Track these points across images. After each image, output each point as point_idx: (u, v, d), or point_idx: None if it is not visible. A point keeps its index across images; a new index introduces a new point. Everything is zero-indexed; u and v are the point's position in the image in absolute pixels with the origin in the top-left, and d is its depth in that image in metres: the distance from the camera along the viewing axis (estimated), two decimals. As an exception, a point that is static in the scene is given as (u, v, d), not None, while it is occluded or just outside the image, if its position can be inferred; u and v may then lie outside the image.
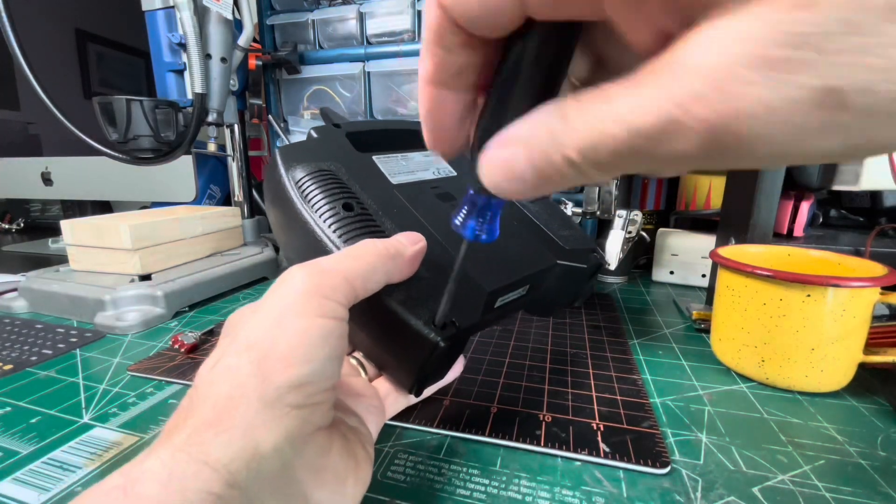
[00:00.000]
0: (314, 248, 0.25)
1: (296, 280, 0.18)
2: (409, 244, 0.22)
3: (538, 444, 0.25)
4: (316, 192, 0.26)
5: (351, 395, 0.23)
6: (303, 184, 0.26)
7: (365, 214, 0.26)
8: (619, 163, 0.10)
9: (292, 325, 0.17)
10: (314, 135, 0.31)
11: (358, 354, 0.27)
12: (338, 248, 0.24)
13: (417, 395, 0.25)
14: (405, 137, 0.35)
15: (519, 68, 0.13)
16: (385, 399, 0.25)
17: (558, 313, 0.42)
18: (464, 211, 0.16)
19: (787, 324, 0.30)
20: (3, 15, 0.48)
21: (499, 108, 0.13)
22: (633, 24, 0.11)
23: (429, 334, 0.21)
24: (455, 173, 0.34)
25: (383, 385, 0.26)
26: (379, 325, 0.23)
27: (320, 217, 0.25)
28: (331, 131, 0.32)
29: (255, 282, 0.60)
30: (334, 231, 0.24)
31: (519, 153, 0.12)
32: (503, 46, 0.13)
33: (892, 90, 0.07)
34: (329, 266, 0.19)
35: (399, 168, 0.32)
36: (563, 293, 0.34)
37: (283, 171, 0.27)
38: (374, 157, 0.31)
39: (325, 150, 0.30)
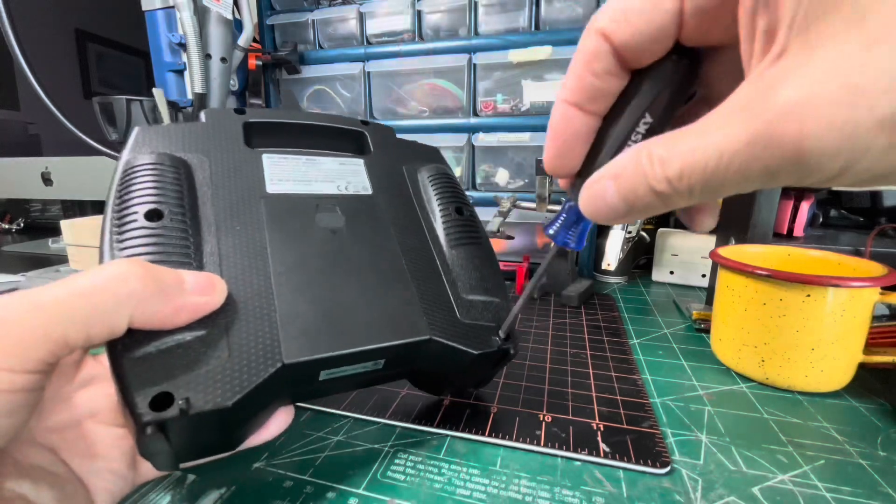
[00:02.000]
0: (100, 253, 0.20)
1: None
2: (194, 288, 0.18)
3: (538, 444, 0.25)
4: (132, 188, 0.21)
5: (80, 455, 0.18)
6: (127, 175, 0.22)
7: (178, 228, 0.20)
8: (706, 188, 0.12)
9: None
10: (203, 118, 0.26)
11: None
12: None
13: (167, 468, 0.19)
14: (326, 137, 0.29)
15: (642, 100, 0.15)
16: (143, 462, 0.20)
17: (457, 391, 0.30)
18: (560, 220, 0.18)
19: (787, 324, 0.30)
20: (3, 15, 0.48)
21: (608, 139, 0.16)
22: (749, 37, 0.12)
23: (144, 417, 0.16)
24: (369, 192, 0.27)
25: None
26: (113, 372, 0.17)
27: (117, 218, 0.20)
28: (227, 117, 0.26)
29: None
30: (119, 239, 0.19)
31: (611, 185, 0.14)
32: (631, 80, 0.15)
33: None
34: (21, 313, 0.14)
35: (293, 173, 0.26)
36: (457, 374, 0.26)
37: (124, 154, 0.23)
38: (264, 155, 0.26)
39: (198, 138, 0.25)
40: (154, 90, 0.54)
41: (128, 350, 0.17)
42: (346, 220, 0.25)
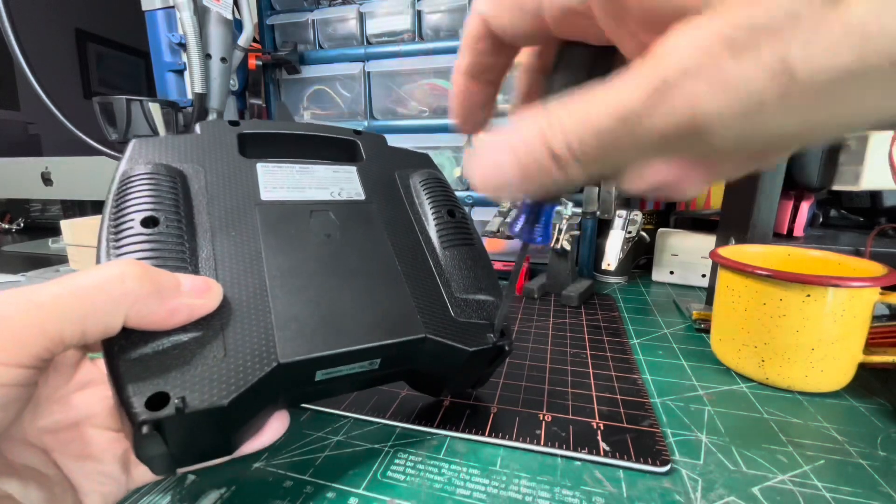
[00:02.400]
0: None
1: None
2: (190, 290, 0.18)
3: (538, 444, 0.25)
4: (129, 196, 0.21)
5: (73, 457, 0.18)
6: (124, 185, 0.22)
7: (172, 234, 0.21)
8: (602, 154, 0.11)
9: None
10: (198, 130, 0.26)
11: None
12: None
13: (163, 472, 0.19)
14: (320, 147, 0.29)
15: (548, 85, 0.15)
16: (137, 466, 0.20)
17: (455, 392, 0.30)
18: (522, 218, 0.18)
19: (787, 324, 0.30)
20: (3, 15, 0.48)
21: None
22: (622, 39, 0.12)
23: (139, 416, 0.16)
24: (363, 197, 0.27)
25: None
26: (110, 373, 0.17)
27: (114, 226, 0.20)
28: (221, 128, 0.27)
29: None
30: (116, 245, 0.20)
31: (501, 149, 0.12)
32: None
33: (831, 64, 0.09)
34: (18, 309, 0.14)
35: (287, 181, 0.26)
36: (453, 373, 0.26)
37: (121, 165, 0.23)
38: (258, 164, 0.26)
39: (193, 149, 0.25)
40: (151, 104, 0.54)
41: (124, 351, 0.17)
42: (340, 224, 0.25)
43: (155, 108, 0.54)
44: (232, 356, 0.18)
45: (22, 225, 1.02)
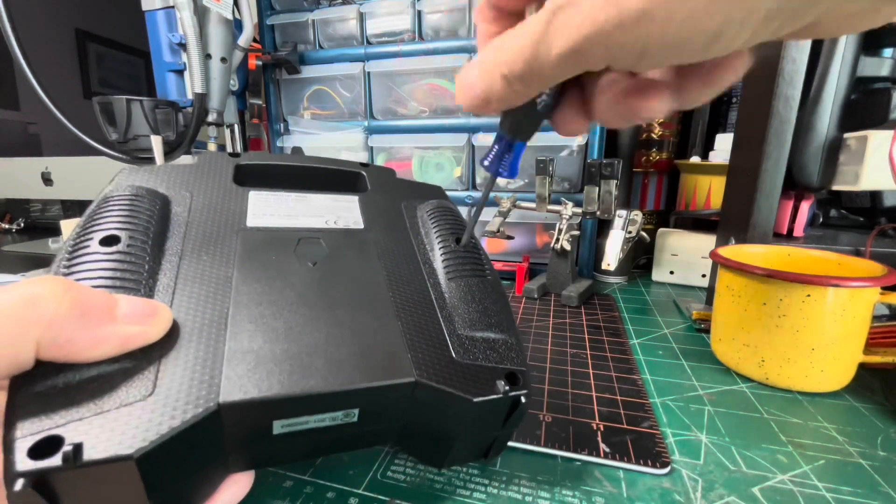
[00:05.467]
0: None
1: None
2: (127, 315, 0.15)
3: (538, 444, 0.25)
4: (98, 216, 0.20)
5: None
6: (99, 207, 0.20)
7: (134, 255, 0.18)
8: (530, 74, 0.14)
9: None
10: (191, 160, 0.25)
11: None
12: None
13: None
14: (322, 179, 0.28)
15: None
16: None
17: (462, 462, 0.24)
18: (493, 151, 0.19)
19: (787, 324, 0.30)
20: (3, 15, 0.48)
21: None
22: None
23: (13, 466, 0.12)
24: (361, 226, 0.25)
25: None
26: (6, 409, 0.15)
27: (72, 244, 0.19)
28: (219, 158, 0.26)
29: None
30: (66, 264, 0.18)
31: (474, 72, 0.15)
32: None
33: None
34: None
35: (279, 209, 0.24)
36: (456, 432, 0.21)
37: (104, 189, 0.22)
38: (251, 192, 0.24)
39: (185, 177, 0.24)
40: (152, 137, 0.54)
41: (29, 382, 0.14)
42: (330, 252, 0.23)
43: (156, 141, 0.54)
44: (161, 393, 0.15)
45: (22, 225, 1.02)
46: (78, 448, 0.13)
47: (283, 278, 0.20)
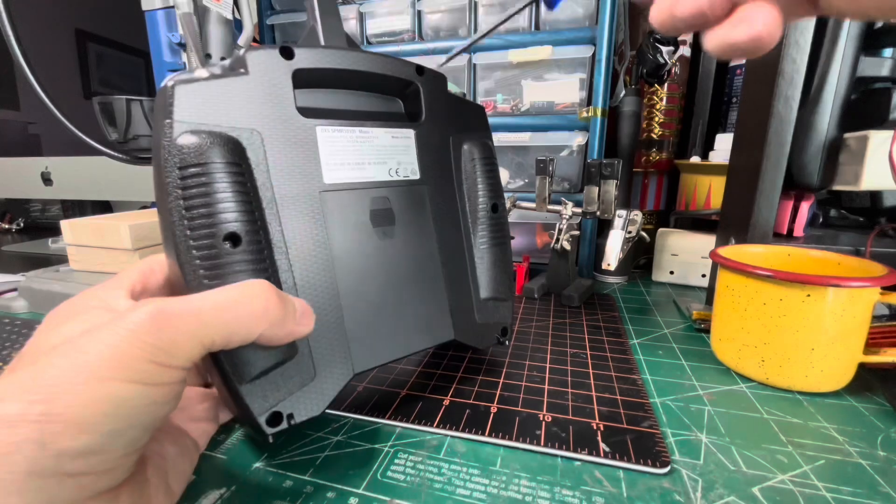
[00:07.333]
0: (174, 263, 0.20)
1: (127, 326, 0.15)
2: (300, 315, 0.20)
3: (538, 444, 0.25)
4: (199, 197, 0.19)
5: (187, 419, 0.23)
6: (188, 174, 0.19)
7: (255, 250, 0.21)
8: None
9: (99, 388, 0.14)
10: (244, 69, 0.22)
11: None
12: (201, 285, 0.19)
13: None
14: (377, 85, 0.28)
15: None
16: (222, 412, 0.25)
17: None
18: None
19: (787, 324, 0.30)
20: (3, 15, 0.48)
21: None
22: None
23: (262, 426, 0.21)
24: (418, 176, 0.28)
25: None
26: (220, 380, 0.21)
27: (190, 237, 0.19)
28: (274, 66, 0.23)
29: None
30: (203, 265, 0.19)
31: None
32: None
33: None
34: (181, 318, 0.16)
35: (347, 153, 0.25)
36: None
37: (170, 133, 0.20)
38: (318, 129, 0.24)
39: (248, 102, 0.22)
40: (188, 47, 0.52)
41: (239, 374, 0.20)
42: (396, 216, 0.27)
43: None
44: (321, 376, 0.23)
45: (22, 225, 1.02)
46: (291, 415, 0.22)
47: (366, 256, 0.25)
